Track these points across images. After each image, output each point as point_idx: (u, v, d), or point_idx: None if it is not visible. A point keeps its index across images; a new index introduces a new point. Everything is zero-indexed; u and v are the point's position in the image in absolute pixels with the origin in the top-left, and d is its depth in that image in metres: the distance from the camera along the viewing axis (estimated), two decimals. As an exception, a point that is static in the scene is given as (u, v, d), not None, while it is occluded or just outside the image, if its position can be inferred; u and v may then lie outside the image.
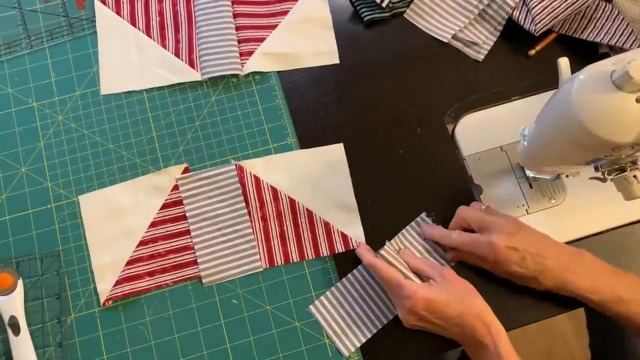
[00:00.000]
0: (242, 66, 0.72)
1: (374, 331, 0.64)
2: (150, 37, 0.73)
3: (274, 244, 0.67)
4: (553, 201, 0.70)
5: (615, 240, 0.69)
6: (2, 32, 0.73)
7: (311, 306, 0.65)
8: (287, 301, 0.65)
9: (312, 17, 0.75)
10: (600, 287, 0.60)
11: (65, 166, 0.68)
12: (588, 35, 0.74)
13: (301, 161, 0.70)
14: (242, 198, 0.67)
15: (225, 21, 0.73)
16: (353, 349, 0.63)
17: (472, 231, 0.64)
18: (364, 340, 0.64)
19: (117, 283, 0.64)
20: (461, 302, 0.59)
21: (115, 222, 0.67)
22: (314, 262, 0.67)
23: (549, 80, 0.72)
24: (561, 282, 0.60)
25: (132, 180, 0.68)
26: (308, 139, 0.71)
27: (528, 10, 0.72)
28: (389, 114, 0.72)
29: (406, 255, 0.65)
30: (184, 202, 0.67)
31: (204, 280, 0.65)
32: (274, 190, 0.68)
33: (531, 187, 0.70)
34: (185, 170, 0.69)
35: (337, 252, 0.67)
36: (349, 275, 0.66)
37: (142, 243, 0.66)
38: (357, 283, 0.65)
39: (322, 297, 0.65)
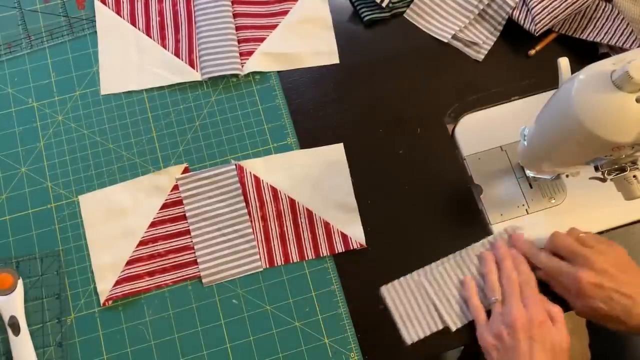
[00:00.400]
0: (242, 66, 0.72)
1: (441, 327, 0.63)
2: (150, 37, 0.73)
3: (273, 244, 0.67)
4: (553, 201, 0.70)
5: (615, 240, 0.68)
6: (2, 32, 0.73)
7: (383, 287, 0.65)
8: (287, 301, 0.65)
9: (312, 17, 0.75)
10: None
11: (65, 166, 0.68)
12: (588, 35, 0.74)
13: (301, 161, 0.70)
14: (242, 198, 0.67)
15: (225, 21, 0.73)
16: (416, 338, 0.63)
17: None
18: (428, 333, 0.63)
19: (117, 283, 0.64)
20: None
21: (115, 222, 0.67)
22: (314, 262, 0.67)
23: (549, 80, 0.72)
24: None
25: (132, 180, 0.68)
26: (308, 139, 0.71)
27: (528, 10, 0.72)
28: (389, 114, 0.72)
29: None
30: (184, 202, 0.67)
31: (204, 280, 0.65)
32: (274, 190, 0.68)
33: (531, 187, 0.70)
34: (185, 170, 0.69)
35: (337, 252, 0.66)
36: (426, 267, 0.65)
37: (142, 243, 0.66)
38: (432, 277, 0.65)
39: (395, 282, 0.65)
